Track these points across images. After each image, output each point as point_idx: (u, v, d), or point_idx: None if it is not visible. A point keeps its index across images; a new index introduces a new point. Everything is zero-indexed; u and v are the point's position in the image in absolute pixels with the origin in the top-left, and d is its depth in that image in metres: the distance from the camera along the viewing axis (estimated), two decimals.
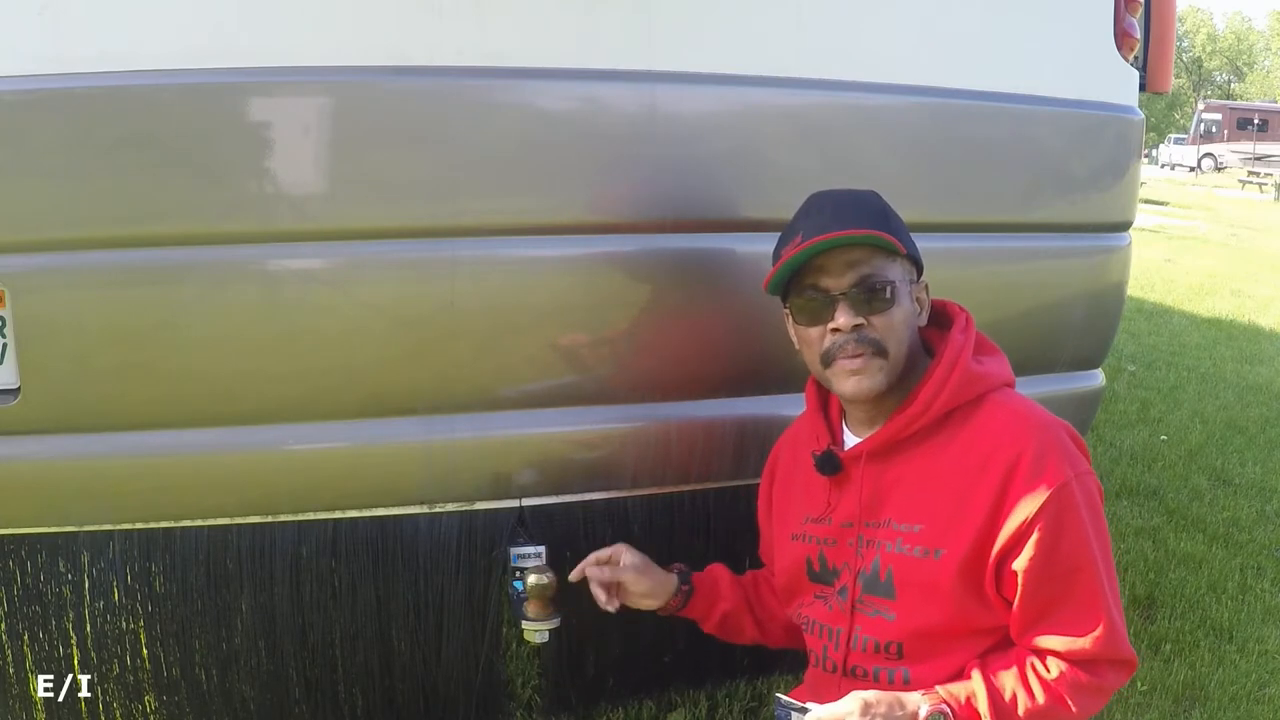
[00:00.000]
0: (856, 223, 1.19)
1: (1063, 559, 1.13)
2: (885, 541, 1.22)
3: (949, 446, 1.20)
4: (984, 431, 1.18)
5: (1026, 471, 1.13)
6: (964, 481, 1.17)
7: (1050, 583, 1.14)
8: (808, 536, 1.31)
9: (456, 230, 1.38)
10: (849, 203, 1.23)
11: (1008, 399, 1.22)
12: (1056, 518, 1.13)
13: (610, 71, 1.42)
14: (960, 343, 1.22)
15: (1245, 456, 3.76)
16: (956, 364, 1.20)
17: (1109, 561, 1.17)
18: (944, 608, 1.18)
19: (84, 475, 1.39)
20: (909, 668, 1.21)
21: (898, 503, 1.22)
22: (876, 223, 1.20)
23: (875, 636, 1.23)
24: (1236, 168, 27.20)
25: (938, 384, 1.19)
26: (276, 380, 1.38)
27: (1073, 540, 1.14)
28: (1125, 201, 1.82)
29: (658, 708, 1.94)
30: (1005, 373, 1.25)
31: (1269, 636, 2.41)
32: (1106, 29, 1.72)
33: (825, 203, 1.24)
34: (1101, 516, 1.17)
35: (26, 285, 1.28)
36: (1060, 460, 1.14)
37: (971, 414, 1.20)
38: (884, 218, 1.22)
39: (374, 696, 1.59)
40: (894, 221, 1.23)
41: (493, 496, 1.51)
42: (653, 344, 1.49)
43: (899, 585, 1.21)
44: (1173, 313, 6.72)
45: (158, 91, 1.26)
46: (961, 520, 1.16)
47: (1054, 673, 1.14)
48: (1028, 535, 1.13)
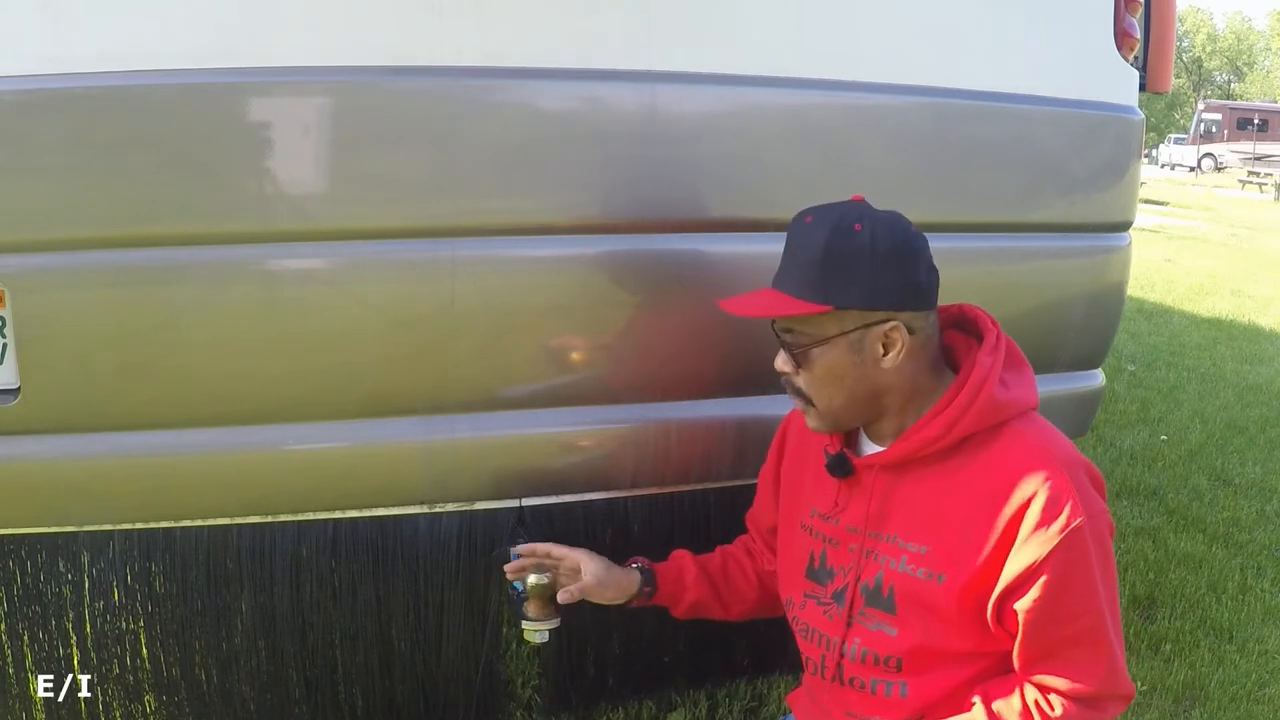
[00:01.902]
0: (783, 283, 1.19)
1: (1068, 605, 1.11)
2: (889, 557, 1.20)
3: (964, 471, 1.17)
4: (1001, 461, 1.15)
5: (1040, 512, 1.10)
6: (975, 510, 1.15)
7: (1055, 626, 1.12)
8: (814, 530, 1.30)
9: (456, 230, 1.38)
10: (798, 248, 1.19)
11: (1029, 428, 1.19)
12: (1066, 563, 1.10)
13: (610, 71, 1.42)
14: (988, 365, 1.18)
15: (1245, 456, 3.76)
16: (982, 388, 1.17)
17: (1113, 599, 1.15)
18: (945, 629, 1.17)
19: (84, 475, 1.39)
20: (907, 680, 1.20)
21: (905, 520, 1.20)
22: (805, 281, 1.16)
23: (874, 650, 1.21)
24: (1236, 168, 27.21)
25: (960, 409, 1.16)
26: (276, 380, 1.38)
27: (1080, 587, 1.11)
28: (1125, 201, 1.82)
29: (658, 708, 1.94)
30: (1030, 396, 1.22)
31: (1269, 636, 2.41)
32: (1106, 29, 1.72)
33: (790, 241, 1.22)
34: (1109, 555, 1.15)
35: (26, 285, 1.28)
36: (1075, 502, 1.11)
37: (991, 440, 1.17)
38: (820, 271, 1.16)
39: (374, 696, 1.59)
40: (840, 272, 1.16)
41: (493, 496, 1.51)
42: (653, 344, 1.49)
43: (900, 603, 1.19)
44: (1173, 313, 6.72)
45: (158, 91, 1.26)
46: (968, 549, 1.14)
47: (1058, 710, 1.13)
48: (1034, 578, 1.10)
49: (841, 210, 1.19)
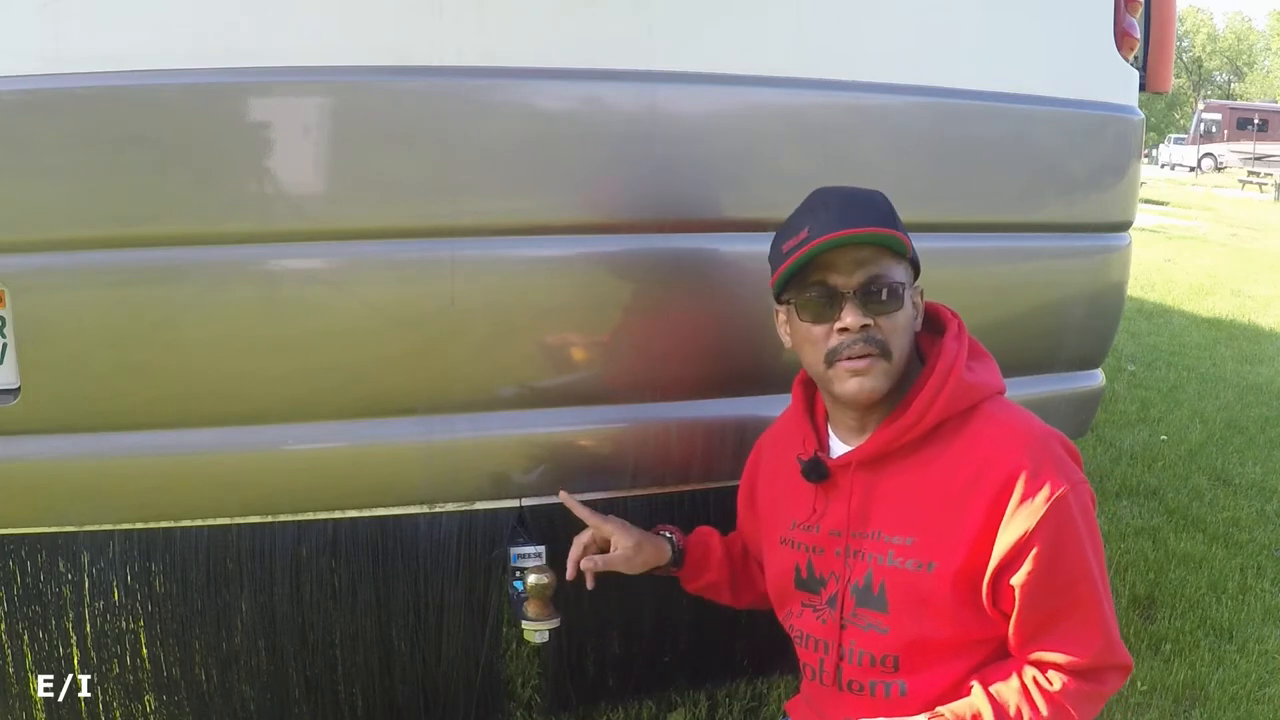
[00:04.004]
0: (868, 221, 1.17)
1: (1061, 573, 1.12)
2: (876, 554, 1.20)
3: (940, 458, 1.18)
4: (977, 444, 1.17)
5: (1023, 486, 1.12)
6: (957, 494, 1.15)
7: (1049, 597, 1.13)
8: (795, 543, 1.30)
9: (456, 230, 1.38)
10: (857, 200, 1.21)
11: (1000, 409, 1.20)
12: (1055, 532, 1.11)
13: (610, 71, 1.42)
14: (954, 351, 1.20)
15: (1245, 456, 3.76)
16: (950, 374, 1.18)
17: (1103, 569, 1.16)
18: (939, 620, 1.17)
19: (84, 475, 1.39)
20: (905, 679, 1.20)
21: (887, 514, 1.21)
22: (887, 222, 1.19)
23: (870, 650, 1.21)
24: (1236, 168, 27.22)
25: (931, 394, 1.18)
26: (276, 380, 1.38)
27: (1071, 554, 1.12)
28: (1125, 201, 1.82)
29: (658, 708, 1.94)
30: (996, 380, 1.24)
31: (1269, 636, 2.41)
32: (1106, 29, 1.72)
33: (831, 199, 1.21)
34: (1095, 524, 1.16)
35: (26, 285, 1.28)
36: (1055, 473, 1.12)
37: (963, 425, 1.18)
38: (892, 218, 1.21)
39: (374, 696, 1.59)
40: (899, 223, 1.22)
41: (493, 496, 1.51)
42: (652, 344, 1.49)
43: (892, 598, 1.19)
44: (1173, 313, 6.72)
45: (158, 91, 1.26)
46: (955, 534, 1.15)
47: (1056, 685, 1.13)
48: (1026, 550, 1.11)
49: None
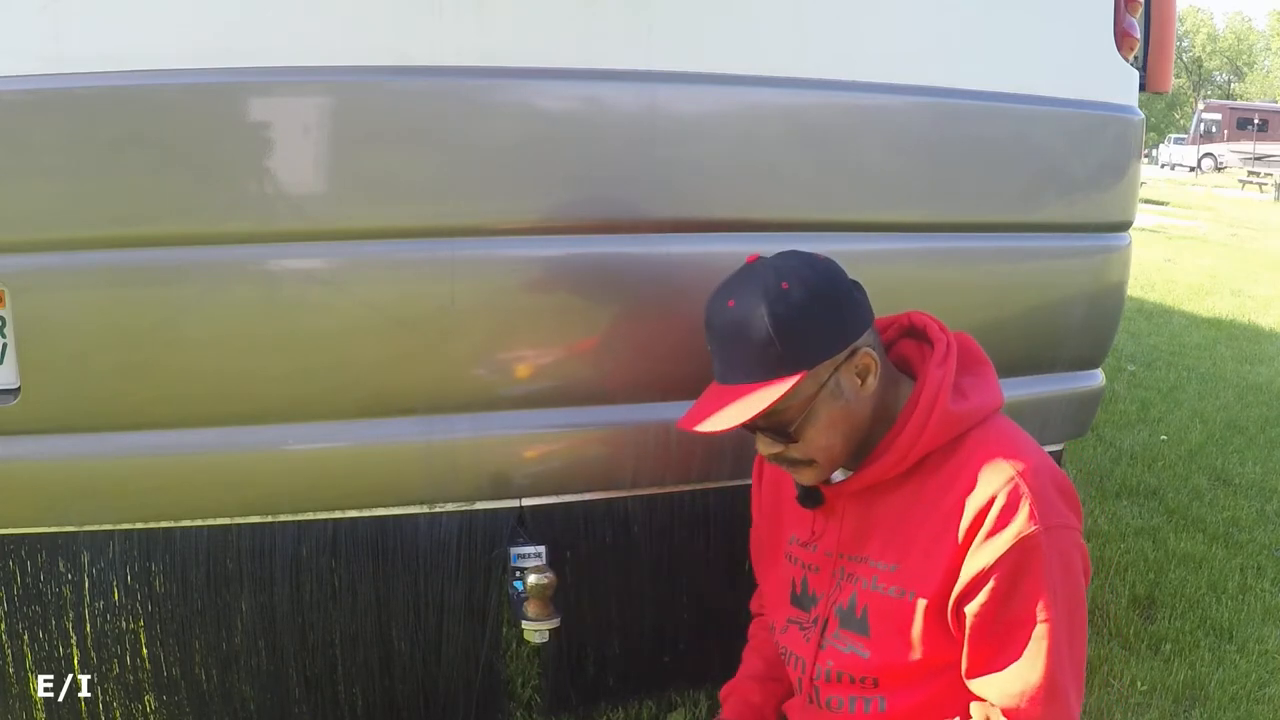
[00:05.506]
0: (740, 374, 1.14)
1: (1015, 611, 1.09)
2: (863, 578, 1.21)
3: (927, 486, 1.17)
4: (962, 473, 1.14)
5: (994, 519, 1.09)
6: (938, 524, 1.14)
7: (998, 631, 1.10)
8: (794, 558, 1.31)
9: (456, 230, 1.38)
10: (735, 334, 1.15)
11: (991, 436, 1.16)
12: (1016, 568, 1.08)
13: (610, 71, 1.42)
14: (938, 380, 1.16)
15: (1245, 456, 3.76)
16: (934, 407, 1.15)
17: (1074, 623, 1.12)
18: (918, 646, 1.16)
19: (84, 475, 1.39)
20: (885, 697, 1.20)
21: (877, 540, 1.20)
22: (766, 362, 1.12)
23: (848, 670, 1.21)
24: (1236, 168, 27.22)
25: (915, 432, 1.15)
26: (276, 380, 1.38)
27: (1028, 594, 1.09)
28: (1125, 201, 1.82)
29: (658, 708, 1.94)
30: (990, 399, 1.20)
31: (1269, 636, 2.41)
32: (1106, 29, 1.72)
33: (713, 339, 1.19)
34: (1074, 574, 1.12)
35: (26, 285, 1.28)
36: (1033, 510, 1.08)
37: (952, 453, 1.16)
38: (779, 344, 1.12)
39: (374, 696, 1.59)
40: (798, 334, 1.12)
41: (493, 496, 1.51)
42: (652, 344, 1.49)
43: (873, 623, 1.19)
44: (1173, 313, 6.72)
45: (158, 91, 1.26)
46: (932, 562, 1.14)
47: None
48: (984, 582, 1.09)
49: (756, 279, 1.16)
